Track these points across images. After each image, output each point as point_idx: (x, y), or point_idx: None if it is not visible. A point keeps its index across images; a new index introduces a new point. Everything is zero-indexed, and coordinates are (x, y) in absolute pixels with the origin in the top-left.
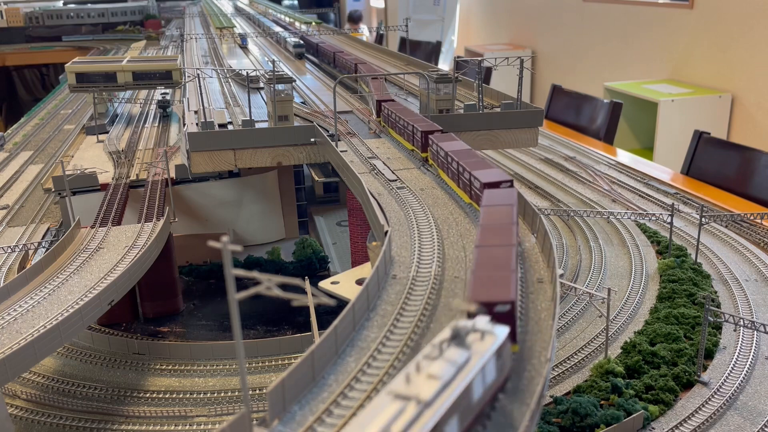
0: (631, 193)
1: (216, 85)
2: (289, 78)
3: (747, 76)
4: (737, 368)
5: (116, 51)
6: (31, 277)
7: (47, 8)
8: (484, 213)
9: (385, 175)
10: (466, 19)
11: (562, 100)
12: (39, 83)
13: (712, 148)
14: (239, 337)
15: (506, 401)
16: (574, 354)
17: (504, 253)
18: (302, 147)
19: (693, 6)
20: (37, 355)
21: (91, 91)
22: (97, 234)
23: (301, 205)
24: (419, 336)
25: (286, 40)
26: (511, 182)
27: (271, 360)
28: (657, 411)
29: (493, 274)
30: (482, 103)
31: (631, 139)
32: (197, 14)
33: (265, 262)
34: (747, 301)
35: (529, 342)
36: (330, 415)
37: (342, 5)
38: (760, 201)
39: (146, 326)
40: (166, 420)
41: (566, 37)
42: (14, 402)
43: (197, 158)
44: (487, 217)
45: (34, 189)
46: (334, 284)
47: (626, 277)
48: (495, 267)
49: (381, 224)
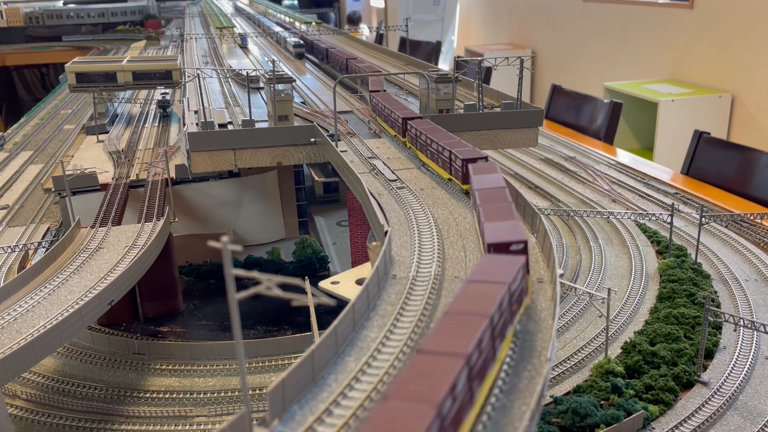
0: (631, 193)
1: (216, 85)
2: (289, 78)
3: (747, 76)
4: (737, 368)
5: (116, 51)
6: (31, 277)
7: (47, 8)
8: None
9: (385, 175)
10: (466, 19)
11: (562, 100)
12: (39, 83)
13: (712, 148)
14: (239, 337)
15: (506, 401)
16: (574, 354)
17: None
18: (302, 147)
19: (693, 6)
20: (37, 355)
21: (91, 91)
22: (97, 234)
23: (301, 205)
24: (419, 336)
25: (286, 40)
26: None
27: (271, 360)
28: (657, 411)
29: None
30: (482, 103)
31: (631, 139)
32: (197, 14)
33: (265, 262)
34: (747, 301)
35: (529, 342)
36: (330, 415)
37: (342, 5)
38: (760, 201)
39: (146, 326)
40: (166, 420)
41: (566, 37)
42: (14, 402)
43: (197, 158)
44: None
45: (34, 189)
46: (334, 284)
47: (626, 277)
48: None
49: (381, 224)
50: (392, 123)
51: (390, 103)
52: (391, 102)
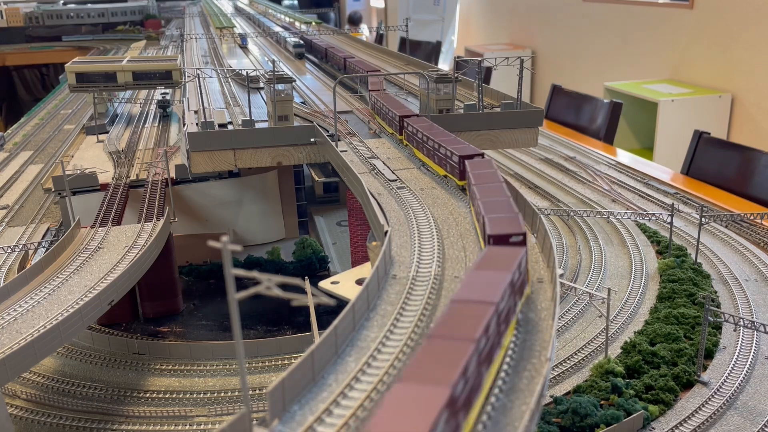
0: (631, 193)
1: (216, 85)
2: (289, 78)
3: (747, 76)
4: (737, 368)
5: (116, 51)
6: (31, 277)
7: (47, 8)
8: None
9: (385, 175)
10: (466, 19)
11: (562, 100)
12: (39, 83)
13: (712, 148)
14: (239, 337)
15: (506, 401)
16: (574, 354)
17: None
18: (302, 147)
19: (693, 6)
20: (37, 355)
21: (91, 91)
22: (97, 234)
23: (301, 205)
24: (419, 336)
25: (286, 40)
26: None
27: (271, 360)
28: (657, 411)
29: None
30: (482, 103)
31: (631, 139)
32: (197, 14)
33: (265, 262)
34: (747, 301)
35: (529, 342)
36: (330, 415)
37: (342, 5)
38: (760, 201)
39: (146, 326)
40: (166, 420)
41: (566, 37)
42: (14, 402)
43: (197, 158)
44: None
45: (34, 189)
46: (334, 284)
47: (626, 277)
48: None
49: (381, 224)
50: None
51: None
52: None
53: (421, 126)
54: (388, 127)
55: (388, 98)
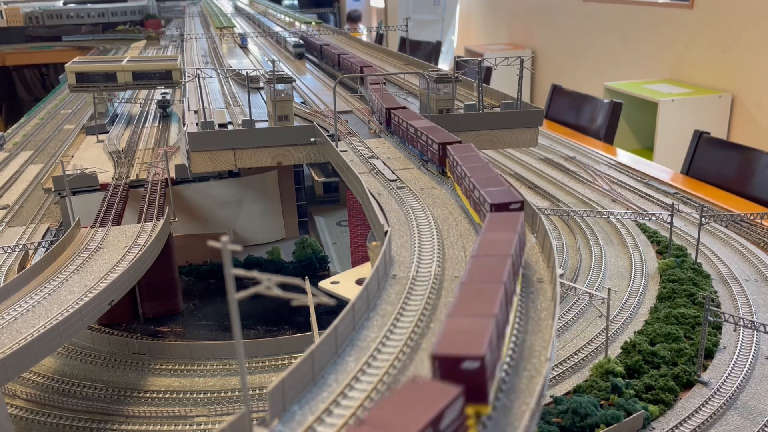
0: (631, 193)
1: (216, 85)
2: (289, 78)
3: (747, 76)
4: (737, 368)
5: (116, 51)
6: (31, 277)
7: (47, 8)
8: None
9: (385, 175)
10: (466, 19)
11: (562, 100)
12: (39, 83)
13: (712, 148)
14: (239, 337)
15: (506, 400)
16: (574, 354)
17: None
18: (302, 147)
19: (693, 6)
20: (37, 355)
21: (91, 91)
22: (97, 234)
23: (301, 205)
24: (419, 336)
25: (286, 40)
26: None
27: (271, 360)
28: (657, 411)
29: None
30: (482, 103)
31: (631, 139)
32: (197, 14)
33: (265, 262)
34: (747, 301)
35: (529, 342)
36: (330, 415)
37: (342, 5)
38: (760, 201)
39: (146, 326)
40: (166, 420)
41: (566, 37)
42: (14, 402)
43: (197, 158)
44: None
45: (34, 189)
46: (334, 284)
47: (626, 277)
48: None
49: (381, 224)
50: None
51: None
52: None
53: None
54: (473, 212)
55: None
